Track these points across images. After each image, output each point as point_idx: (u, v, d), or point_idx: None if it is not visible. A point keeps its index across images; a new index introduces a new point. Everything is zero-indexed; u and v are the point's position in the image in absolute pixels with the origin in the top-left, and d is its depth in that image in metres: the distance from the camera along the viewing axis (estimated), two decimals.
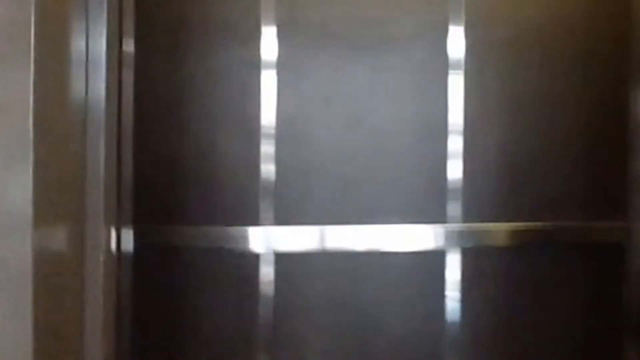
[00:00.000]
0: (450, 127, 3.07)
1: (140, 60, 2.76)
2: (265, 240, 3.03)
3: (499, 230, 3.10)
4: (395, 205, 3.07)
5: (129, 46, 2.44)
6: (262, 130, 3.01)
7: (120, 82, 1.90)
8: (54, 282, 1.52)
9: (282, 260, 3.05)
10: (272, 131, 3.02)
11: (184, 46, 2.98)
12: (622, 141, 3.10)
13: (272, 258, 3.04)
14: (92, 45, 1.57)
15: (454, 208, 3.07)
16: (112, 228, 1.80)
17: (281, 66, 3.01)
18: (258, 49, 3.01)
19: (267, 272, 3.05)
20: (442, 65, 3.06)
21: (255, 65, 3.00)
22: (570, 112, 3.12)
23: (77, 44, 1.55)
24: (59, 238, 1.52)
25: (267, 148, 3.02)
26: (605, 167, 3.13)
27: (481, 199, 3.09)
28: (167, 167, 3.00)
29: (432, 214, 3.08)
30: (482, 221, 3.10)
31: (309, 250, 3.05)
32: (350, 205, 3.06)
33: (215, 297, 3.05)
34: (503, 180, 3.09)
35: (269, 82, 3.01)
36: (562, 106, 3.11)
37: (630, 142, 3.11)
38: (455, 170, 3.07)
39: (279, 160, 3.02)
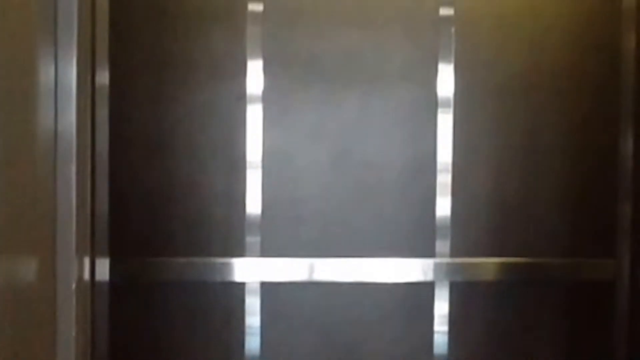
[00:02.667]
0: (439, 165, 3.06)
1: (117, 92, 2.77)
2: (251, 272, 3.01)
3: (487, 264, 3.08)
4: (383, 241, 3.06)
5: (104, 78, 2.44)
6: (248, 163, 3.01)
7: (93, 113, 1.90)
8: (23, 314, 1.50)
9: (268, 293, 3.03)
10: (259, 164, 3.02)
11: (166, 79, 2.99)
12: (611, 180, 3.09)
13: (258, 290, 3.03)
14: (61, 75, 1.57)
15: (442, 244, 3.06)
16: (85, 259, 1.78)
17: (267, 100, 3.02)
18: (244, 83, 3.02)
19: (253, 305, 3.03)
20: (431, 103, 3.06)
21: (241, 98, 3.00)
22: (559, 152, 3.11)
23: (46, 73, 1.55)
24: (27, 268, 1.51)
25: (254, 181, 3.01)
26: (594, 205, 3.12)
27: (469, 235, 3.07)
28: (151, 200, 3.00)
29: (421, 249, 3.07)
30: (471, 256, 3.08)
31: (296, 283, 3.03)
32: (337, 240, 3.04)
33: (199, 331, 3.02)
34: (491, 217, 3.08)
35: (255, 116, 3.02)
36: (551, 146, 3.11)
37: (619, 182, 3.10)
38: (443, 206, 3.06)
39: (265, 193, 3.02)
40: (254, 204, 3.03)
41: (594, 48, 3.11)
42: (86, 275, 1.81)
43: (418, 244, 3.08)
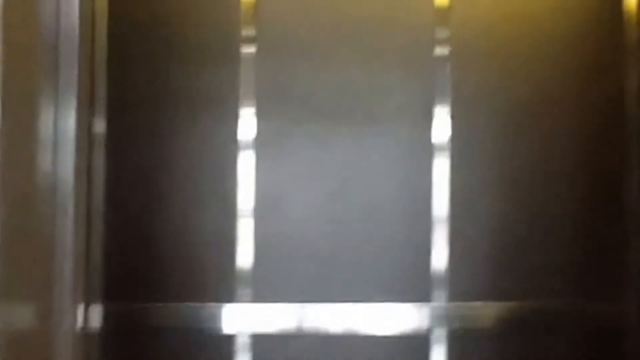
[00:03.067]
0: (435, 207, 3.04)
1: (113, 138, 2.78)
2: (242, 318, 3.01)
3: (486, 309, 3.04)
4: (378, 285, 3.04)
5: (101, 125, 2.47)
6: (240, 207, 3.01)
7: (90, 160, 1.92)
8: (20, 358, 1.51)
9: (259, 340, 3.02)
10: (250, 208, 3.02)
11: (160, 124, 3.00)
12: (618, 223, 3.04)
13: (248, 337, 3.02)
14: (61, 124, 1.59)
15: (439, 288, 3.03)
16: (80, 305, 1.79)
17: (260, 143, 3.02)
18: (236, 125, 3.02)
19: (243, 352, 3.02)
20: (427, 144, 3.05)
21: (233, 141, 3.01)
22: (560, 195, 3.08)
23: (46, 123, 1.58)
24: (25, 314, 1.52)
25: (246, 226, 3.02)
26: (600, 249, 3.06)
27: (467, 279, 3.03)
28: (143, 245, 3.00)
29: (417, 294, 3.04)
30: (468, 300, 3.04)
31: (288, 330, 3.02)
32: (331, 284, 3.03)
33: None
34: (490, 262, 3.05)
35: (247, 159, 3.02)
36: (552, 188, 3.06)
37: (627, 222, 3.04)
38: (440, 250, 3.03)
39: (257, 238, 3.02)
40: (245, 249, 3.03)
41: (597, 84, 3.08)
42: (81, 321, 1.82)
43: (414, 288, 3.06)
